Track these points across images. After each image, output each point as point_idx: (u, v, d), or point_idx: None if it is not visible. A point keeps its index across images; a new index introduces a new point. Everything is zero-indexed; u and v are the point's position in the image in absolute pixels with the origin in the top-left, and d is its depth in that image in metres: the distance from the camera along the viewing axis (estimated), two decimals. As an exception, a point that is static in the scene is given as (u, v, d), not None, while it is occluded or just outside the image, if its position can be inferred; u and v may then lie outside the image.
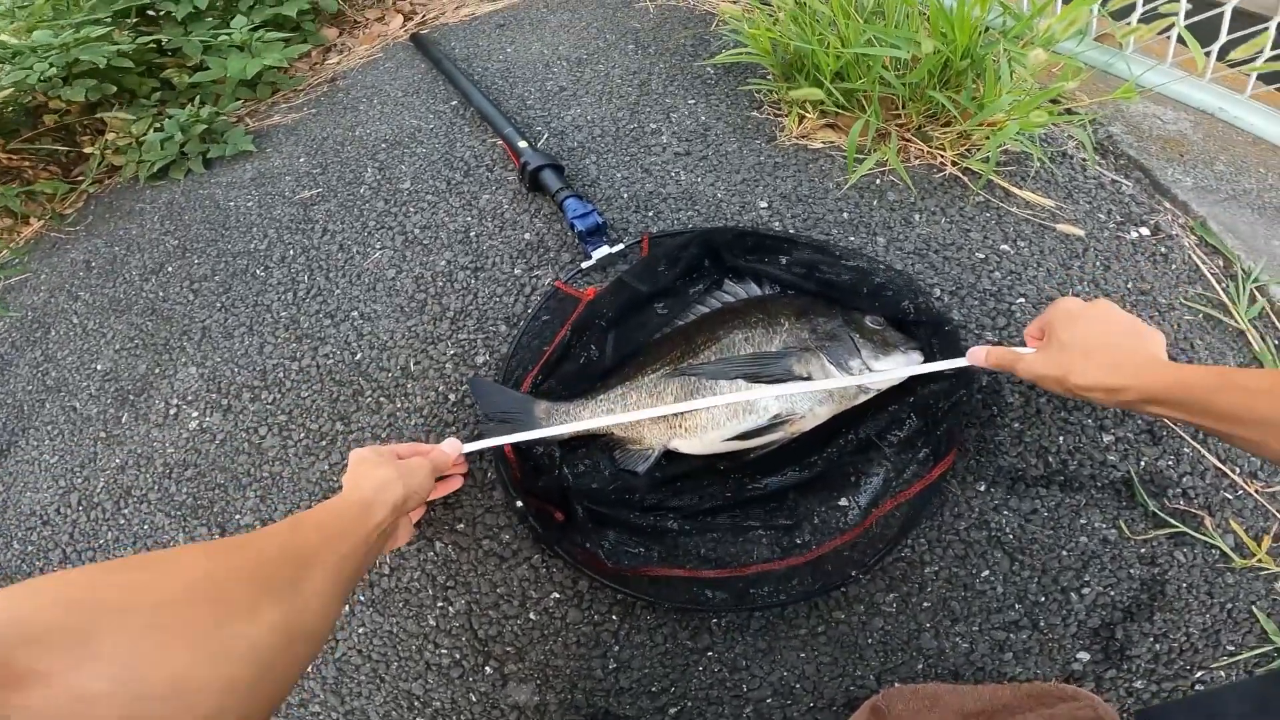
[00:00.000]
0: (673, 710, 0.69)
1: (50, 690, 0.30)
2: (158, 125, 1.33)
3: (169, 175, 1.33)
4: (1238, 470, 0.72)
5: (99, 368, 1.06)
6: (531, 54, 1.32)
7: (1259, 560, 0.68)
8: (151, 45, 1.40)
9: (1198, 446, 0.73)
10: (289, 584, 0.43)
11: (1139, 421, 0.75)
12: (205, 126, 1.31)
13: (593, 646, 0.72)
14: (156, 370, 1.02)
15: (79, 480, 0.97)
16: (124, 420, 0.99)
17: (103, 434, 0.99)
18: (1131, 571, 0.69)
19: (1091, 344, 0.58)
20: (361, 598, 0.78)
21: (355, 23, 1.66)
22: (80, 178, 1.43)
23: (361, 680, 0.75)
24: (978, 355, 0.68)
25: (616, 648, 0.72)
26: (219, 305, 1.06)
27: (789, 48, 1.01)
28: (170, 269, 1.15)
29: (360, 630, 0.77)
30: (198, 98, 1.39)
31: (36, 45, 1.28)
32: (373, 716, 0.73)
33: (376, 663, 0.75)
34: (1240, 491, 0.71)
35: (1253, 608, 0.67)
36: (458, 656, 0.74)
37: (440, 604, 0.76)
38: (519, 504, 0.73)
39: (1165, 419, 0.72)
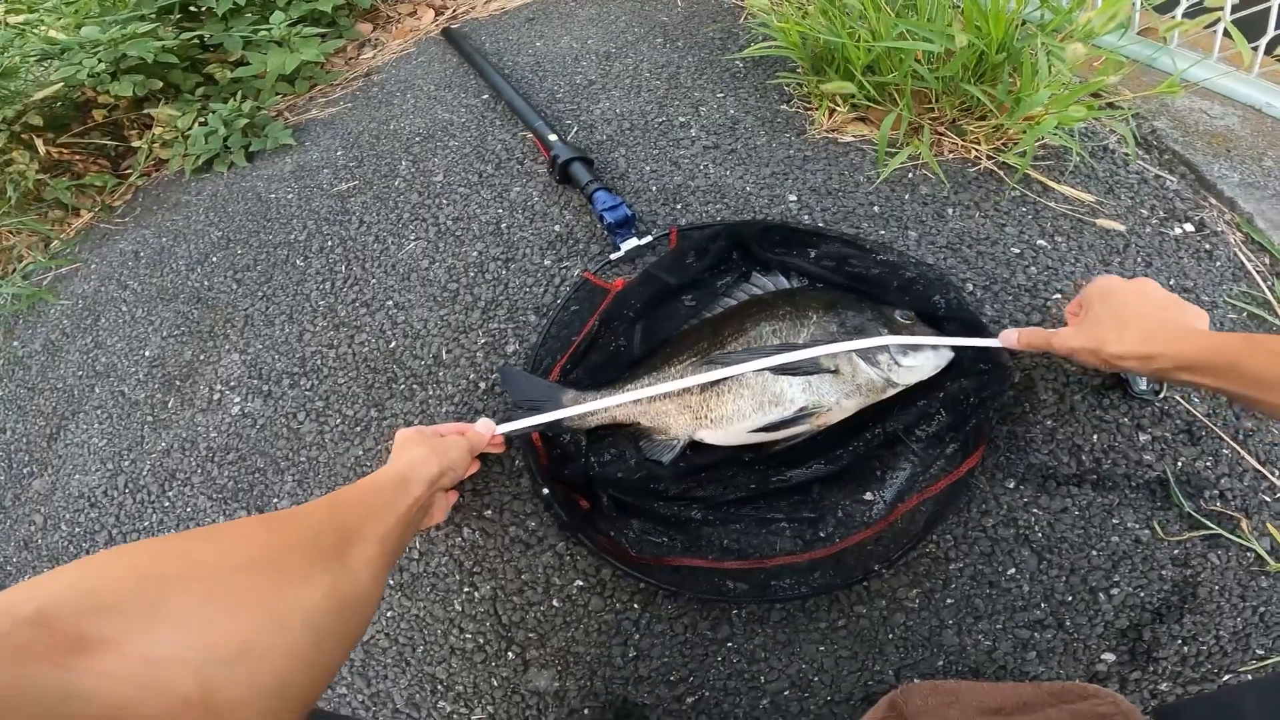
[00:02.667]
0: (690, 699, 0.69)
1: (122, 655, 0.31)
2: (202, 120, 1.38)
3: (213, 168, 1.38)
4: (1277, 473, 0.70)
5: (147, 354, 1.11)
6: (560, 48, 1.33)
7: (1295, 564, 0.66)
8: (194, 41, 1.44)
9: (1237, 448, 0.71)
10: (336, 554, 0.44)
11: (1177, 421, 0.73)
12: (247, 121, 1.35)
13: (613, 634, 0.73)
14: (201, 357, 1.06)
15: (126, 463, 1.00)
16: (170, 405, 1.03)
17: (149, 418, 1.03)
18: (1163, 573, 0.68)
19: (1127, 315, 0.59)
20: (391, 582, 0.79)
21: (388, 18, 1.68)
22: (128, 171, 1.48)
23: (388, 663, 0.76)
24: (1009, 337, 0.69)
25: (637, 636, 0.72)
26: (261, 294, 1.09)
27: (818, 41, 1.00)
28: (215, 259, 1.18)
29: (388, 614, 0.78)
30: (239, 93, 1.43)
31: (85, 41, 1.32)
32: (397, 699, 0.75)
33: (403, 646, 0.77)
34: (1279, 495, 0.69)
35: (1286, 612, 0.65)
36: (481, 641, 0.75)
37: (466, 589, 0.77)
38: (545, 491, 0.74)
39: (1197, 386, 0.71)
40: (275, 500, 0.90)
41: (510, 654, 0.74)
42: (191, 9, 1.52)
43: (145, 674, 0.31)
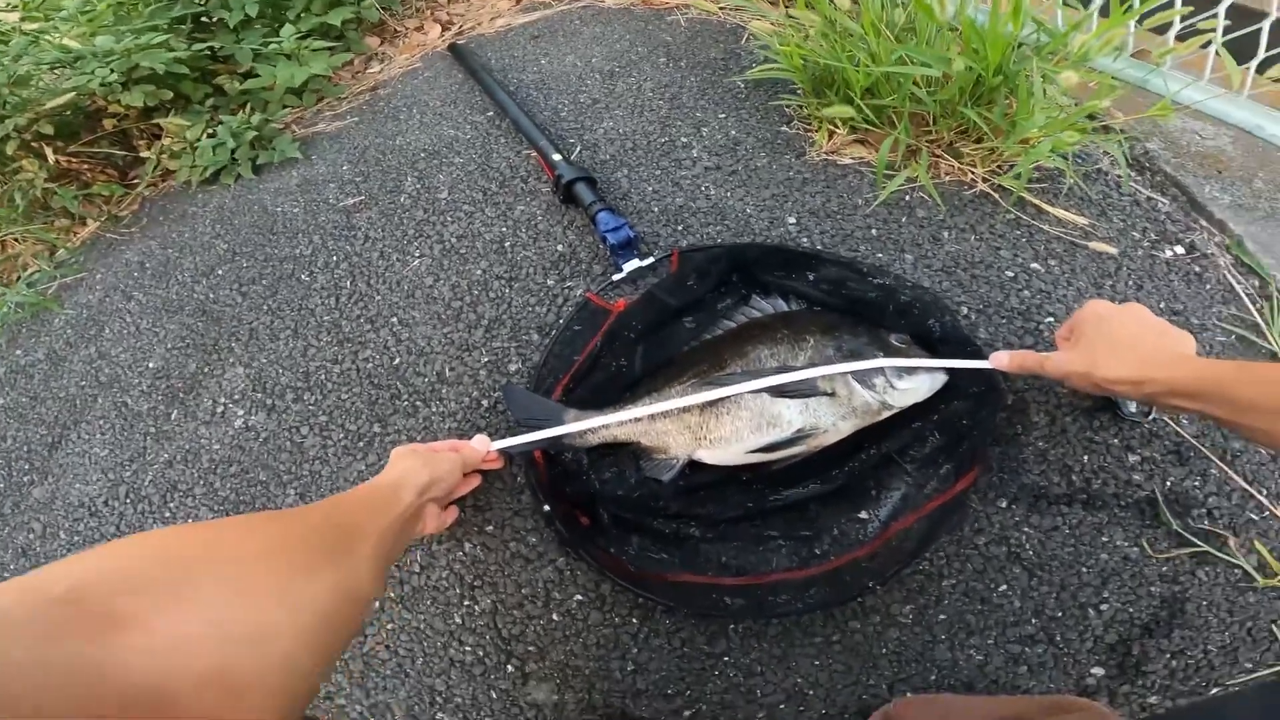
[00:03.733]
0: (688, 713, 0.70)
1: (150, 632, 0.33)
2: (211, 131, 1.39)
3: (220, 180, 1.39)
4: (1264, 492, 0.72)
5: (151, 365, 1.12)
6: (565, 66, 1.35)
7: (1281, 579, 0.68)
8: (205, 52, 1.45)
9: (1225, 468, 0.73)
10: (340, 550, 0.47)
11: (1166, 442, 0.75)
12: (256, 133, 1.36)
13: (612, 648, 0.74)
14: (205, 369, 1.07)
15: (128, 474, 1.01)
16: (173, 417, 1.04)
17: (152, 429, 1.04)
18: (1152, 589, 0.69)
19: (1119, 339, 0.61)
20: (391, 594, 0.80)
21: (395, 32, 1.70)
22: (136, 181, 1.49)
23: (387, 675, 0.77)
24: (1000, 359, 0.70)
25: (635, 650, 0.73)
26: (266, 308, 1.11)
27: (819, 64, 1.02)
28: (220, 272, 1.20)
29: (389, 626, 0.79)
30: (248, 104, 1.45)
31: (99, 51, 1.32)
32: (396, 711, 0.75)
33: (402, 658, 0.78)
34: (1266, 513, 0.71)
35: (1273, 626, 0.67)
36: (480, 654, 0.76)
37: (467, 602, 0.78)
38: (546, 508, 0.75)
39: (1187, 412, 0.72)
40: (278, 512, 0.91)
41: (510, 667, 0.75)
42: (203, 19, 1.52)
43: (171, 650, 0.33)
